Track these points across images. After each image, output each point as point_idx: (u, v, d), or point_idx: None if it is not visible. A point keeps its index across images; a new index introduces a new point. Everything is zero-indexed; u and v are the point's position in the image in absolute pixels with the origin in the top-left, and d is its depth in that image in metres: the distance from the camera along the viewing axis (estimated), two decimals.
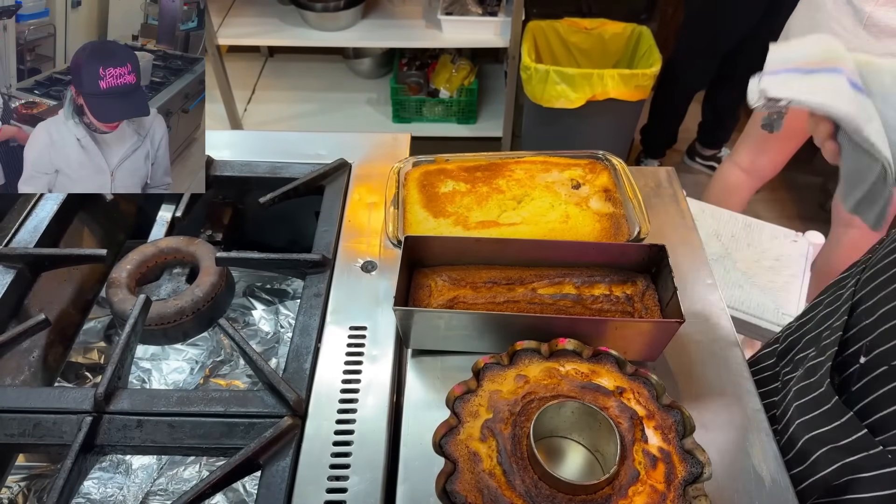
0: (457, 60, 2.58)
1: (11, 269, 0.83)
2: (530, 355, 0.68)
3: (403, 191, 0.94)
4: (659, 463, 0.60)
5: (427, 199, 0.93)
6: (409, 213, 0.91)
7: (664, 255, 0.77)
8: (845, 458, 0.64)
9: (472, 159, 0.99)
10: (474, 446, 0.60)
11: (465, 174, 0.96)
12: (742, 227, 1.61)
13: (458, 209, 0.91)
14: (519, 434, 0.61)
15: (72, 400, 0.70)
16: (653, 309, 0.77)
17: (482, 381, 0.66)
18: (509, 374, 0.67)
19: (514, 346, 0.69)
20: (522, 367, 0.67)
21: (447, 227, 0.89)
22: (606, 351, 0.68)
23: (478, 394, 0.65)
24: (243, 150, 1.06)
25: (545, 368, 0.67)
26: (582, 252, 0.81)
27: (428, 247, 0.81)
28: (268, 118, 2.63)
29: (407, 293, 0.79)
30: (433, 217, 0.90)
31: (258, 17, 2.38)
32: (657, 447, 0.61)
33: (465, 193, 0.93)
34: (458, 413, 0.63)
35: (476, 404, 0.64)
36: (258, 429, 0.68)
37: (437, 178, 0.96)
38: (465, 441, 0.61)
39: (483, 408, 0.64)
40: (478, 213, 0.91)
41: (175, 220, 0.94)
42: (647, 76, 2.04)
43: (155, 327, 0.82)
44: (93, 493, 0.83)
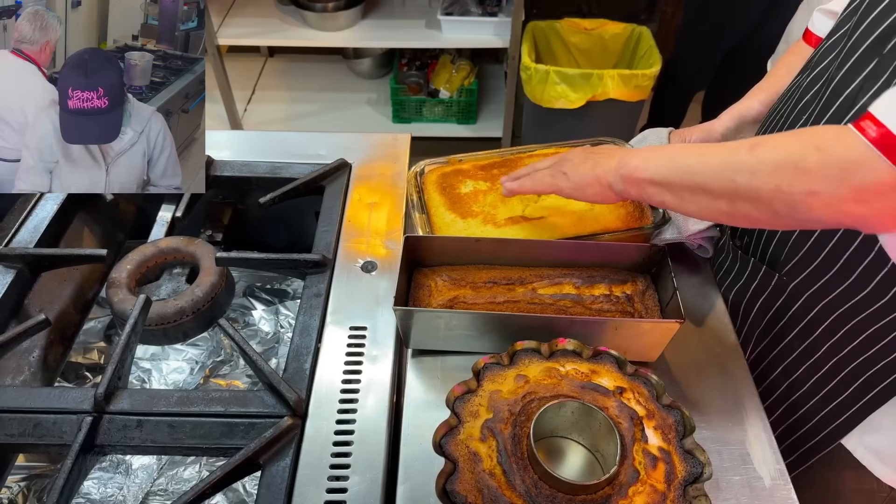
0: (457, 61, 2.58)
1: (11, 269, 0.83)
2: (530, 355, 0.68)
3: (424, 195, 0.93)
4: (659, 463, 0.60)
5: (450, 201, 0.91)
6: (436, 217, 0.89)
7: (664, 256, 0.77)
8: None
9: (485, 157, 0.98)
10: (474, 446, 0.60)
11: (482, 172, 0.95)
12: None
13: (484, 208, 0.90)
14: (519, 434, 0.61)
15: (72, 400, 0.70)
16: (653, 309, 0.77)
17: (482, 382, 0.66)
18: (509, 374, 0.67)
19: (514, 346, 0.69)
20: (522, 367, 0.67)
21: (478, 227, 0.88)
22: (606, 351, 0.68)
23: (478, 394, 0.65)
24: (243, 150, 1.06)
25: (545, 368, 0.67)
26: (582, 252, 0.81)
27: (428, 247, 0.81)
28: (268, 118, 2.63)
29: (407, 293, 0.79)
30: (461, 218, 0.89)
31: (258, 17, 2.38)
32: (657, 447, 0.61)
33: (487, 192, 0.92)
34: (459, 413, 0.63)
35: (476, 404, 0.64)
36: (258, 429, 0.68)
37: (455, 179, 0.94)
38: (465, 441, 0.61)
39: (483, 408, 0.64)
40: (503, 210, 0.90)
41: (175, 220, 0.94)
42: (647, 76, 2.04)
43: (155, 327, 0.82)
44: (93, 493, 0.83)
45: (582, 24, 2.32)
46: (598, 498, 0.57)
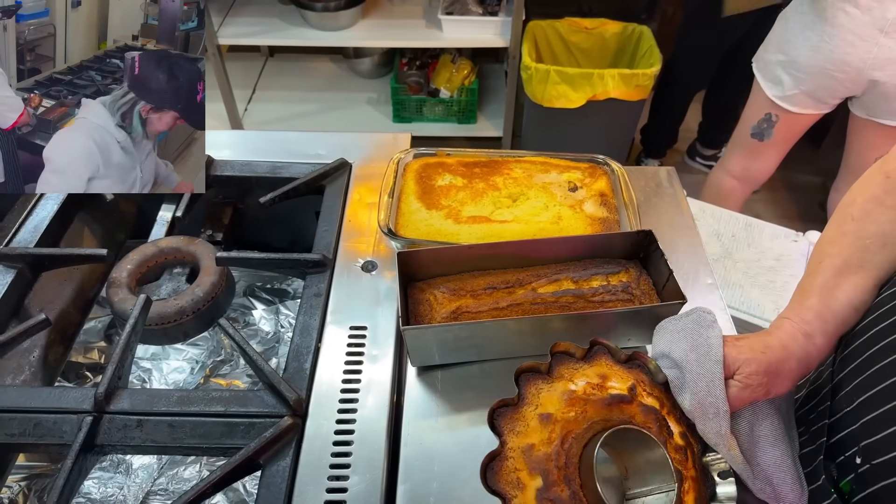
0: (457, 60, 2.58)
1: (12, 268, 0.83)
2: (534, 379, 0.62)
3: (401, 181, 0.94)
4: (687, 451, 0.58)
5: (422, 190, 0.93)
6: (403, 204, 0.91)
7: (651, 240, 0.78)
8: None
9: (472, 155, 0.99)
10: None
11: (463, 169, 0.97)
12: (742, 227, 1.61)
13: (452, 203, 0.91)
14: (576, 490, 0.54)
15: (72, 400, 0.70)
16: (649, 293, 0.79)
17: (505, 437, 0.58)
18: (528, 415, 0.59)
19: (516, 373, 0.61)
20: (536, 402, 0.60)
21: (438, 220, 0.89)
22: (601, 342, 0.65)
23: (508, 457, 0.56)
24: (243, 149, 1.06)
25: (560, 395, 0.60)
26: (571, 246, 0.82)
27: (421, 260, 0.79)
28: (268, 118, 2.63)
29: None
30: (426, 209, 0.90)
31: (258, 17, 2.38)
32: (678, 433, 0.59)
33: (461, 188, 0.94)
34: (499, 492, 0.54)
35: (512, 470, 0.55)
36: (258, 429, 0.68)
37: (435, 171, 0.96)
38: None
39: (524, 473, 0.55)
40: (471, 207, 0.91)
41: (175, 219, 0.94)
42: (647, 76, 2.04)
43: (155, 327, 0.82)
44: (93, 493, 0.83)
45: (582, 23, 2.32)
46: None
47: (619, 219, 0.90)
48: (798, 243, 1.56)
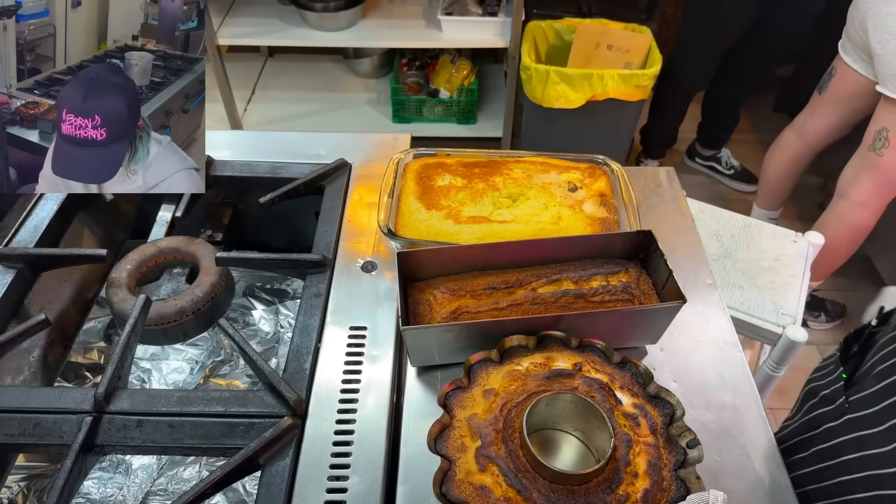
0: (457, 60, 2.58)
1: (11, 268, 0.83)
2: (485, 367, 0.68)
3: (401, 181, 0.94)
4: (640, 418, 0.63)
5: (422, 190, 0.93)
6: (403, 204, 0.91)
7: (651, 240, 0.79)
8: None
9: (472, 155, 0.99)
10: (478, 480, 0.58)
11: (462, 169, 0.97)
12: (742, 228, 1.61)
13: (452, 203, 0.91)
14: (514, 448, 0.60)
15: (72, 400, 0.70)
16: (649, 293, 0.79)
17: (453, 411, 0.64)
18: (475, 393, 0.65)
19: (468, 362, 0.68)
20: (483, 383, 0.66)
21: (438, 220, 0.89)
22: (592, 342, 0.70)
23: (455, 427, 0.63)
24: (243, 150, 1.06)
25: (505, 374, 0.67)
26: (570, 246, 0.82)
27: (421, 261, 0.79)
28: (268, 118, 2.63)
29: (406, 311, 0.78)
30: (425, 209, 0.90)
31: (258, 17, 2.38)
32: (631, 404, 0.64)
33: (461, 188, 0.94)
34: (445, 454, 0.61)
35: (458, 437, 0.62)
36: (258, 429, 0.68)
37: (434, 171, 0.96)
38: (467, 479, 0.59)
39: (467, 438, 0.62)
40: (471, 208, 0.91)
41: (175, 220, 0.94)
42: (647, 76, 2.04)
43: (155, 327, 0.82)
44: (93, 493, 0.83)
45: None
46: (610, 474, 0.58)
47: (619, 219, 0.90)
48: (798, 243, 1.56)
